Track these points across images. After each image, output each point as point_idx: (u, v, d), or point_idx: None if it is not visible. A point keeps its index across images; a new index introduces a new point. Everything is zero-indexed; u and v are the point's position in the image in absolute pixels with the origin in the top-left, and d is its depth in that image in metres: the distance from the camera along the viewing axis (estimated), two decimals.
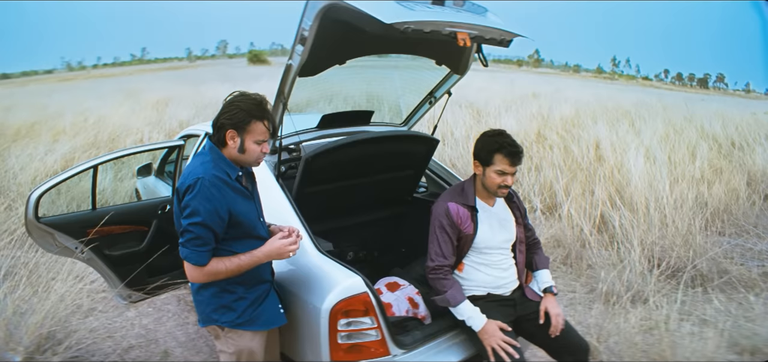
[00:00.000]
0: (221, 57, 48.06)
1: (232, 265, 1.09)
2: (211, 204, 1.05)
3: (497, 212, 1.38)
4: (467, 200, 1.34)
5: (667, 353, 1.75)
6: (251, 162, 1.15)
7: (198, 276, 1.09)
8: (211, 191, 1.06)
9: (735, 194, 3.42)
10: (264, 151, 1.15)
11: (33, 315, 1.79)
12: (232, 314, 1.14)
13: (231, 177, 1.12)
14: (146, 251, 1.86)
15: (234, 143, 1.11)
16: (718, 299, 2.20)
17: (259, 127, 1.12)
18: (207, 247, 1.07)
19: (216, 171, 1.09)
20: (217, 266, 1.08)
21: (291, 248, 1.13)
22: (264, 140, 1.14)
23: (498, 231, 1.36)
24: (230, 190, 1.11)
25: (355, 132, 1.75)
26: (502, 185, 1.30)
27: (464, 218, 1.32)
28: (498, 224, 1.36)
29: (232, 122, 1.11)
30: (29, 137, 5.29)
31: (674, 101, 7.91)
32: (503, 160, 1.28)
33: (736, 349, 1.84)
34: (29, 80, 20.21)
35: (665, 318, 1.93)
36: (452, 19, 1.16)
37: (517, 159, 1.28)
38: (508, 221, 1.39)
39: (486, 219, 1.35)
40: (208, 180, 1.06)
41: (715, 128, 5.08)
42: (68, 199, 3.20)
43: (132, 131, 5.71)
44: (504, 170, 1.28)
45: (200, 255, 1.07)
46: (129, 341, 2.03)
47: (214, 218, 1.06)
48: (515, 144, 1.28)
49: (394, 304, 1.44)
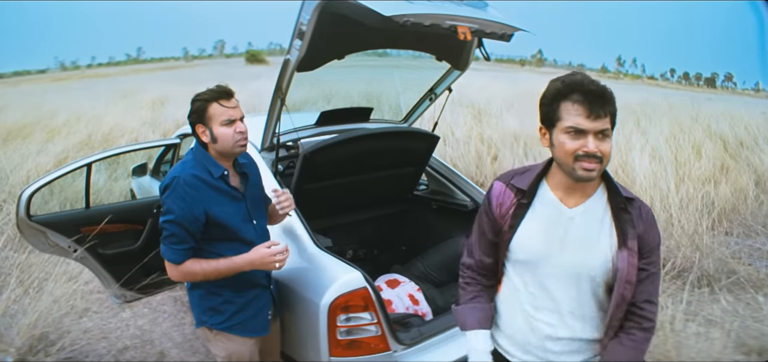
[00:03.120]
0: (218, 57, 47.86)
1: (208, 268, 1.06)
2: (184, 203, 1.04)
3: (579, 217, 0.81)
4: (522, 182, 0.85)
5: (672, 353, 1.74)
6: (230, 148, 1.09)
7: (174, 273, 1.08)
8: (185, 190, 1.04)
9: (743, 194, 3.38)
10: (239, 130, 1.09)
11: (25, 315, 1.76)
12: (219, 316, 1.12)
13: (213, 176, 1.09)
14: (141, 250, 1.83)
15: (206, 136, 1.09)
16: (726, 299, 2.18)
17: (217, 108, 1.08)
18: (182, 246, 1.05)
19: (195, 171, 1.08)
20: (193, 266, 1.06)
21: (276, 259, 1.06)
22: (232, 120, 1.08)
23: (564, 244, 0.80)
24: (211, 190, 1.08)
25: (354, 129, 1.74)
26: (581, 155, 0.75)
27: (506, 204, 0.85)
28: (570, 233, 0.80)
29: (195, 115, 1.09)
30: (21, 137, 5.21)
31: (680, 101, 7.81)
32: (576, 108, 0.75)
33: (744, 350, 1.82)
34: (21, 80, 19.96)
35: (670, 318, 1.91)
36: (452, 13, 1.16)
37: (600, 105, 0.74)
38: (598, 235, 0.80)
39: (542, 217, 0.82)
40: (184, 179, 1.05)
41: (723, 127, 5.00)
42: (62, 199, 3.15)
43: (127, 130, 5.65)
44: (578, 125, 0.75)
45: (175, 253, 1.05)
46: (124, 342, 1.99)
47: (187, 218, 1.04)
48: (594, 82, 0.76)
49: (395, 301, 1.43)
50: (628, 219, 0.80)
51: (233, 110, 1.09)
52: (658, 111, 6.02)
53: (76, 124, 5.90)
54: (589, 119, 0.75)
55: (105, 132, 5.52)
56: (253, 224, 1.16)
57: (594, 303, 0.82)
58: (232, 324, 1.13)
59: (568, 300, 0.81)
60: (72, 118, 6.27)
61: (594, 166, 0.76)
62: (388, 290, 1.47)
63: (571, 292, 0.81)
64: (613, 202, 0.82)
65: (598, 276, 0.80)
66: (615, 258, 0.79)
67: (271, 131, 1.42)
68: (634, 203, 0.82)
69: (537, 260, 0.83)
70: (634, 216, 0.81)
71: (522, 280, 0.85)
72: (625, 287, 0.78)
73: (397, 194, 1.95)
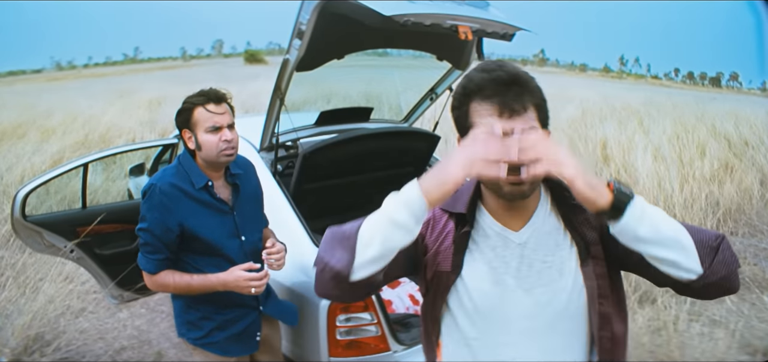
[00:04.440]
0: (217, 56, 47.74)
1: (181, 282, 1.02)
2: (158, 213, 1.00)
3: (531, 241, 0.63)
4: (455, 204, 0.65)
5: (676, 354, 1.74)
6: (214, 157, 1.02)
7: (148, 282, 1.06)
8: (160, 199, 1.00)
9: (748, 194, 3.36)
10: (225, 139, 1.01)
11: (20, 316, 1.74)
12: (197, 332, 1.08)
13: (195, 186, 1.03)
14: (138, 250, 1.82)
15: (192, 142, 1.04)
16: (730, 299, 2.14)
17: (202, 113, 1.01)
18: (156, 255, 1.02)
19: (175, 180, 1.03)
20: (166, 278, 1.03)
21: (250, 284, 0.99)
22: (218, 127, 1.01)
23: (525, 282, 0.62)
24: (191, 201, 1.02)
25: (354, 129, 1.74)
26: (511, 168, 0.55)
27: (438, 228, 0.66)
28: (526, 265, 0.62)
29: (181, 120, 1.04)
30: (16, 137, 5.16)
31: (685, 100, 7.71)
32: (486, 107, 0.58)
33: (749, 350, 1.82)
34: (16, 80, 19.78)
35: (674, 318, 1.90)
36: (453, 13, 1.16)
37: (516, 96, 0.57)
38: (556, 253, 0.62)
39: (486, 252, 0.63)
40: (160, 188, 1.01)
41: (727, 126, 4.94)
42: (58, 199, 3.12)
43: (124, 130, 5.62)
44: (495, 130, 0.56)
45: (149, 262, 1.03)
46: (121, 342, 1.98)
47: (160, 228, 1.00)
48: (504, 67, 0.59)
49: (395, 301, 1.43)
50: (584, 219, 0.62)
51: (220, 117, 1.02)
52: (662, 111, 5.96)
53: (72, 124, 5.86)
54: (503, 117, 0.56)
55: (102, 132, 5.49)
56: (241, 240, 1.08)
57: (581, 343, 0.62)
58: (210, 342, 1.07)
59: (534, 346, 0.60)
60: (68, 118, 6.23)
61: (525, 185, 0.57)
62: (387, 290, 1.47)
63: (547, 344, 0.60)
64: (560, 202, 0.63)
65: (574, 306, 0.61)
66: (581, 278, 0.61)
67: (270, 131, 1.41)
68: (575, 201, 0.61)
69: (490, 311, 0.61)
70: (582, 223, 0.62)
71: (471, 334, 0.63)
72: (602, 302, 0.61)
73: None
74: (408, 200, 0.56)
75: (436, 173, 0.56)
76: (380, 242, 0.57)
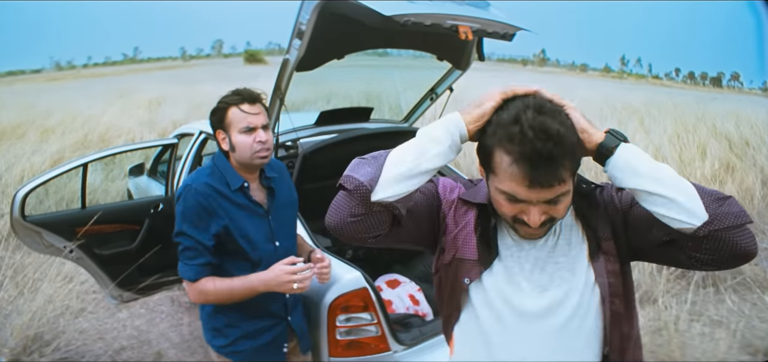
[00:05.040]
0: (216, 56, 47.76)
1: (222, 287, 0.96)
2: (195, 215, 0.95)
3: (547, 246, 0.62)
4: (477, 195, 0.66)
5: (677, 354, 1.73)
6: (248, 159, 0.99)
7: (190, 292, 0.99)
8: (197, 200, 0.96)
9: (749, 194, 3.36)
10: (259, 140, 0.99)
11: (19, 316, 1.74)
12: (222, 339, 1.04)
13: (231, 187, 0.99)
14: (138, 250, 1.82)
15: (226, 144, 1.01)
16: (731, 299, 2.16)
17: (236, 114, 0.98)
18: (197, 260, 0.96)
19: (210, 180, 0.99)
20: (207, 285, 0.96)
21: (294, 278, 0.93)
22: (252, 127, 0.98)
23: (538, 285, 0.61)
24: (227, 202, 0.99)
25: (354, 129, 1.74)
26: (518, 219, 0.58)
27: (460, 210, 0.66)
28: (539, 267, 0.62)
29: (215, 121, 1.01)
30: (16, 137, 5.16)
31: (685, 100, 7.66)
32: (513, 170, 0.55)
33: (750, 350, 1.81)
34: (15, 80, 19.75)
35: (675, 318, 1.90)
36: (454, 13, 1.16)
37: (548, 172, 0.54)
38: (569, 252, 0.62)
39: (505, 252, 0.63)
40: (196, 188, 0.97)
41: (728, 127, 4.90)
42: (57, 199, 3.12)
43: (123, 130, 5.61)
44: (516, 194, 0.56)
45: (189, 269, 0.96)
46: (120, 342, 1.97)
47: (198, 230, 0.95)
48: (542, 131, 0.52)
49: (395, 301, 1.42)
50: (597, 215, 0.62)
51: (254, 117, 0.99)
52: (663, 111, 5.94)
53: (71, 124, 5.85)
54: (532, 190, 0.54)
55: (101, 132, 5.48)
56: (275, 245, 1.03)
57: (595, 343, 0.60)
58: (236, 351, 1.03)
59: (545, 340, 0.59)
60: (67, 118, 6.22)
61: (539, 232, 0.58)
62: (388, 290, 1.47)
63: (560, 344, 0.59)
64: (575, 200, 0.62)
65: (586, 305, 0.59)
66: (593, 275, 0.60)
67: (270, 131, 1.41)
68: (599, 191, 0.65)
69: (503, 309, 0.61)
70: (604, 205, 0.62)
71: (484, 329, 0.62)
72: (614, 301, 0.60)
73: None
74: (445, 119, 0.59)
75: (472, 102, 0.59)
76: (413, 158, 0.57)
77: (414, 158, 0.57)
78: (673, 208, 0.54)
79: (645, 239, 0.60)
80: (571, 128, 0.56)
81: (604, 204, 0.63)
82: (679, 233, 0.55)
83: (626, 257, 0.62)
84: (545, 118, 0.53)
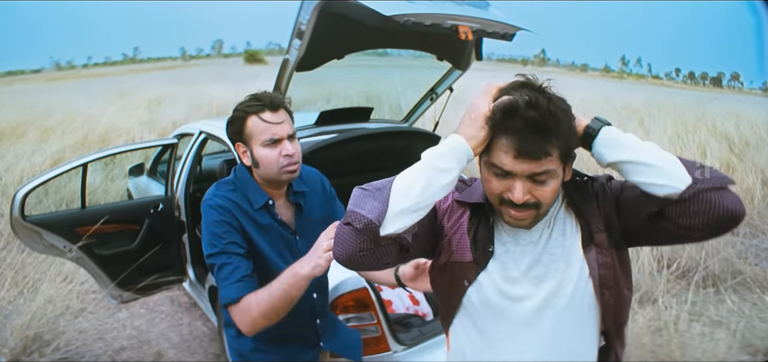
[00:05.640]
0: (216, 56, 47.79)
1: (262, 299, 0.80)
2: (219, 227, 0.83)
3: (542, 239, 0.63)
4: (472, 195, 0.67)
5: (676, 354, 1.73)
6: (275, 175, 0.86)
7: (236, 319, 0.82)
8: (219, 214, 0.84)
9: (750, 194, 3.35)
10: (286, 153, 0.85)
11: (19, 316, 1.74)
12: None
13: (253, 206, 0.87)
14: (137, 250, 1.82)
15: (247, 158, 0.88)
16: (731, 299, 2.16)
17: (257, 124, 0.85)
18: (235, 275, 0.81)
19: (233, 196, 0.87)
20: (249, 300, 0.81)
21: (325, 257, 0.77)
22: (277, 139, 0.85)
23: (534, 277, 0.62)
24: (250, 222, 0.87)
25: (354, 129, 1.74)
26: (505, 201, 0.59)
27: (455, 213, 0.67)
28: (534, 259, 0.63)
29: (233, 132, 0.88)
30: (15, 137, 5.16)
31: (685, 100, 7.67)
32: (504, 143, 0.57)
33: (750, 350, 1.81)
34: (15, 80, 19.74)
35: (675, 318, 1.89)
36: (454, 13, 1.16)
37: (537, 144, 0.56)
38: (564, 243, 0.63)
39: (501, 249, 0.64)
40: (216, 203, 0.85)
41: (728, 127, 4.90)
42: (57, 199, 3.12)
43: (123, 130, 5.61)
44: (503, 165, 0.57)
45: (228, 289, 0.81)
46: (120, 342, 1.97)
47: (227, 242, 0.82)
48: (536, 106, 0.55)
49: (395, 301, 1.42)
50: (589, 207, 0.63)
51: (278, 127, 0.85)
52: (663, 111, 5.94)
53: (71, 124, 5.85)
54: (518, 160, 0.56)
55: (101, 132, 5.48)
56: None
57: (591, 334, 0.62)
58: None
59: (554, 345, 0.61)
60: (67, 117, 6.22)
61: (524, 215, 0.59)
62: (387, 290, 1.47)
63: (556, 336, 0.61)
64: (568, 192, 0.64)
65: (580, 296, 0.61)
66: (587, 265, 0.61)
67: None
68: (591, 183, 0.65)
69: (500, 306, 0.62)
70: (598, 198, 0.64)
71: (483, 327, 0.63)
72: (603, 293, 0.61)
73: None
74: (451, 146, 0.58)
75: (464, 117, 0.59)
76: (420, 191, 0.57)
77: (421, 191, 0.57)
78: (659, 175, 0.56)
79: (636, 217, 0.61)
80: (563, 110, 0.57)
81: (597, 195, 0.65)
82: (666, 202, 0.57)
83: (621, 245, 0.64)
84: (538, 95, 0.56)
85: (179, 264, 1.90)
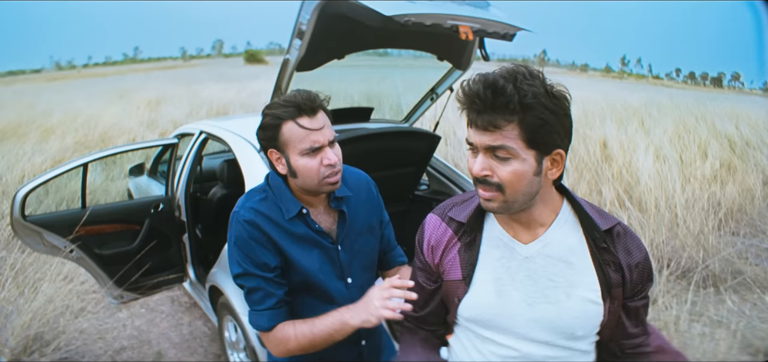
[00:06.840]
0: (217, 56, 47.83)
1: (303, 331, 0.74)
2: (247, 247, 0.77)
3: (539, 257, 0.63)
4: (461, 213, 0.67)
5: None
6: (314, 185, 0.78)
7: (268, 345, 0.78)
8: (247, 230, 0.77)
9: (750, 194, 3.36)
10: (328, 162, 0.77)
11: (19, 316, 1.74)
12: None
13: (285, 216, 0.79)
14: (138, 250, 1.82)
15: (282, 166, 0.80)
16: (732, 299, 2.16)
17: (294, 130, 0.76)
18: (266, 303, 0.76)
19: (261, 206, 0.80)
20: (286, 331, 0.75)
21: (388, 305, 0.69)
22: (317, 148, 0.76)
23: (529, 295, 0.62)
24: (282, 234, 0.79)
25: (354, 129, 1.74)
26: (477, 179, 0.60)
27: (442, 245, 0.67)
28: (532, 279, 0.63)
29: (266, 138, 0.79)
30: (16, 137, 5.16)
31: (686, 100, 7.65)
32: (467, 121, 0.59)
33: (750, 350, 1.81)
34: (16, 79, 19.76)
35: (675, 318, 1.90)
36: (454, 13, 1.16)
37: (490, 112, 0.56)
38: (570, 279, 0.62)
39: (491, 261, 0.64)
40: (243, 217, 0.78)
41: (729, 127, 4.91)
42: (57, 200, 3.12)
43: (124, 130, 5.62)
44: (468, 136, 0.60)
45: (259, 316, 0.76)
46: (121, 342, 1.97)
47: (256, 264, 0.76)
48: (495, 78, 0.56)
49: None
50: (611, 260, 0.61)
51: (318, 133, 0.76)
52: (663, 111, 5.96)
53: (71, 123, 5.86)
54: (476, 132, 0.56)
55: (101, 132, 5.49)
56: (347, 282, 0.83)
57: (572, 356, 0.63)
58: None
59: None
60: (68, 117, 6.23)
61: (488, 195, 0.58)
62: None
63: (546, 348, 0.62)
64: (591, 238, 0.62)
65: (578, 330, 0.61)
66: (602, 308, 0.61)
67: None
68: (615, 232, 0.63)
69: (492, 320, 0.62)
70: (619, 253, 0.62)
71: (478, 338, 0.65)
72: (603, 331, 0.63)
73: (398, 194, 1.95)
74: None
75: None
76: None
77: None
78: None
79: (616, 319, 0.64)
80: (535, 94, 0.54)
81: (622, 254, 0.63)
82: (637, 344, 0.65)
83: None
84: (504, 75, 0.55)
85: (180, 264, 1.90)
